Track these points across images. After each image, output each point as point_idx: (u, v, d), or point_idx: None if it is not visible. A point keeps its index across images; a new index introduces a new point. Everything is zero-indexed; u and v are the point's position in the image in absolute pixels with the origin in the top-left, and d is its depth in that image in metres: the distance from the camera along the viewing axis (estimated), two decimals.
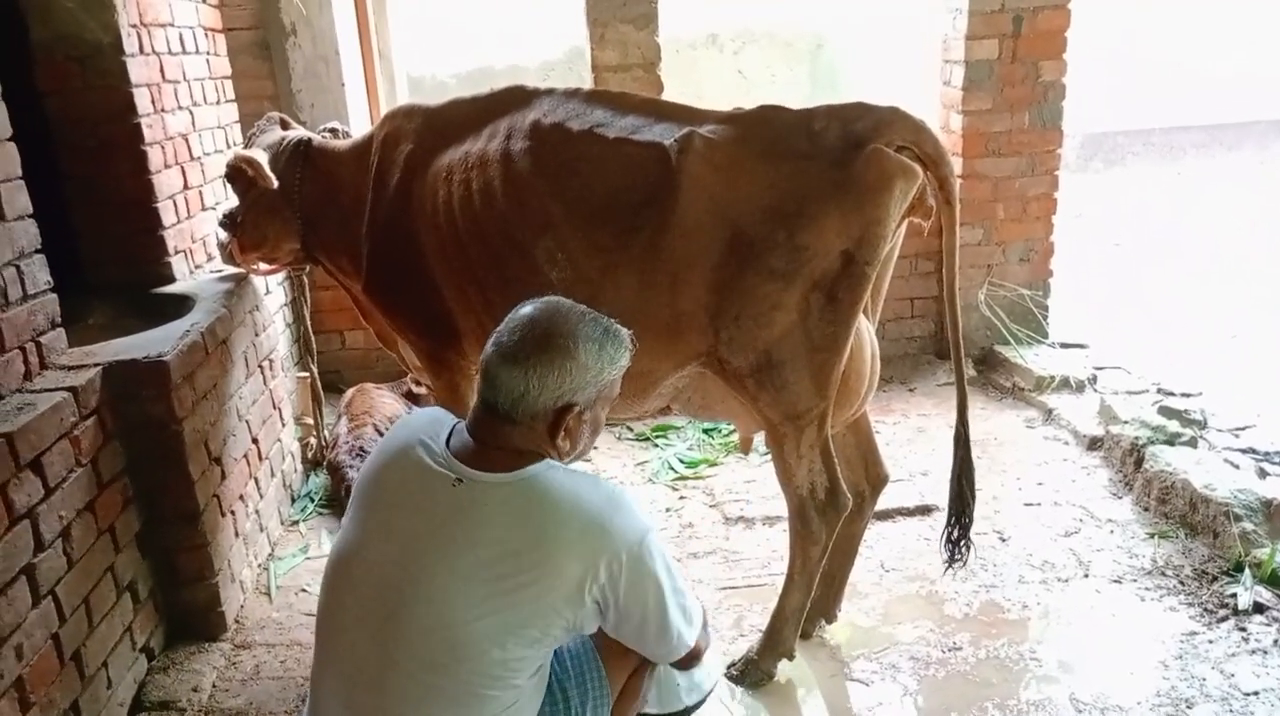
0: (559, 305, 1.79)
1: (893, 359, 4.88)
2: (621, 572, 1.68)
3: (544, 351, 1.70)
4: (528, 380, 1.69)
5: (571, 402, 1.73)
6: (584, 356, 1.72)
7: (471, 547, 1.66)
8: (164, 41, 3.42)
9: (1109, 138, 10.15)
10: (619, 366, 1.80)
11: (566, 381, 1.71)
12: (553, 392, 1.70)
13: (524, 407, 1.70)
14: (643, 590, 1.72)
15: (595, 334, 1.75)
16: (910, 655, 2.78)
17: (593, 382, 1.75)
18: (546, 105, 2.57)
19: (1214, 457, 3.46)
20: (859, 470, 2.77)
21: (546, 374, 1.69)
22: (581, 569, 1.65)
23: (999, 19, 4.36)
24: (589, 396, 1.76)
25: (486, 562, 1.65)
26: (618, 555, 1.67)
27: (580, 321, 1.76)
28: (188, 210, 3.54)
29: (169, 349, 2.68)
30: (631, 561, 1.68)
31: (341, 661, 1.77)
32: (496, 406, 1.72)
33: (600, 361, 1.74)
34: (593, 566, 1.66)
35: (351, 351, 4.73)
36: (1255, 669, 2.61)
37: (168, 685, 2.69)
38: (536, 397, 1.70)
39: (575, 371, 1.71)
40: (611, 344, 1.77)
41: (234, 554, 3.03)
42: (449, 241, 2.66)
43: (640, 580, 1.71)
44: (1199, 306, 5.89)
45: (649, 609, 1.75)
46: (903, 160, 2.21)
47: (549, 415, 1.72)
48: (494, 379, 1.72)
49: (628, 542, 1.68)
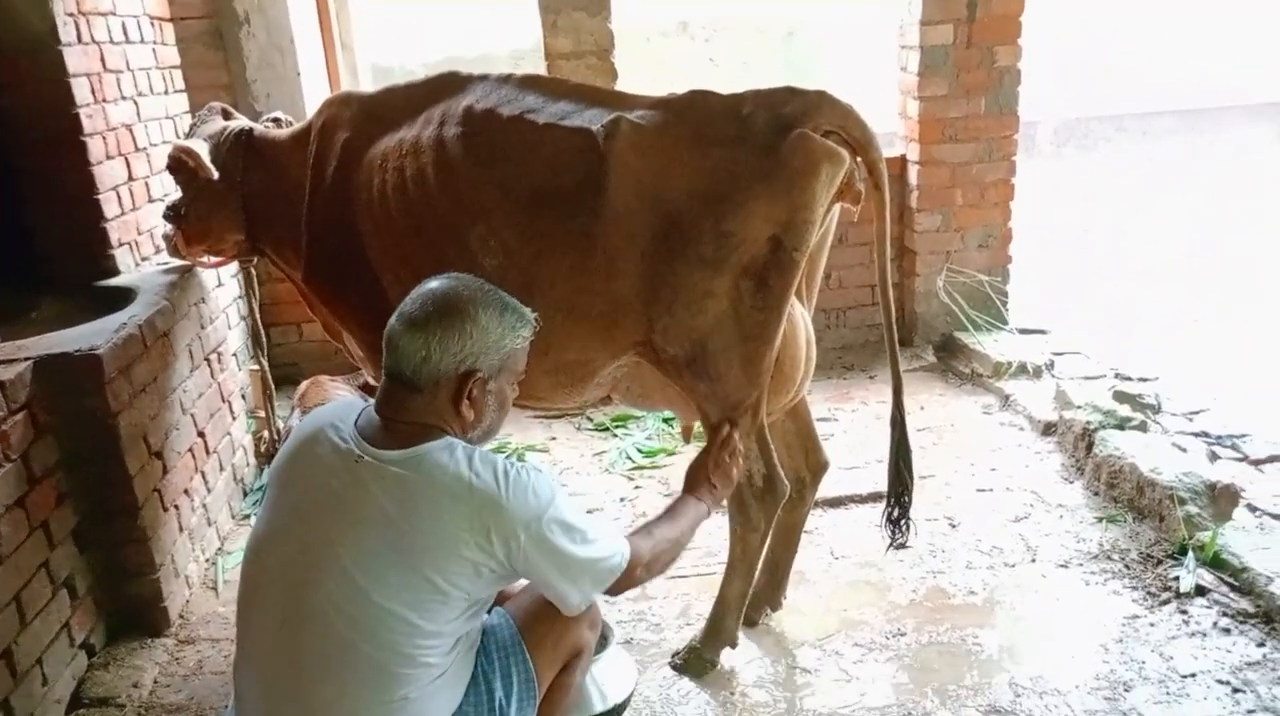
0: (460, 277, 1.85)
1: (854, 347, 4.89)
2: (519, 550, 1.71)
3: (445, 315, 1.75)
4: (428, 344, 1.73)
5: (474, 368, 1.77)
6: (484, 319, 1.76)
7: (369, 524, 1.69)
8: (104, 30, 3.37)
9: (1083, 123, 10.18)
10: (521, 337, 1.83)
11: (467, 344, 1.75)
12: (454, 356, 1.74)
13: (426, 372, 1.74)
14: (544, 564, 1.77)
15: (495, 302, 1.81)
16: (854, 641, 2.78)
17: (494, 349, 1.78)
18: (479, 91, 2.54)
19: (1163, 441, 3.48)
20: (799, 457, 2.76)
21: (447, 337, 1.73)
22: (479, 546, 1.68)
23: (954, 4, 4.34)
24: (491, 364, 1.79)
25: (388, 540, 1.68)
26: (515, 533, 1.70)
27: (480, 289, 1.81)
28: (133, 202, 3.49)
29: (102, 342, 2.65)
30: (531, 539, 1.72)
31: (258, 645, 1.78)
32: (400, 374, 1.76)
33: (501, 327, 1.79)
34: (489, 544, 1.69)
35: (309, 343, 4.69)
36: (1194, 651, 2.63)
37: (108, 681, 2.67)
38: (438, 362, 1.74)
39: (476, 335, 1.75)
40: (512, 313, 1.82)
41: (178, 548, 3.01)
42: (385, 229, 2.64)
43: (541, 555, 1.75)
44: (1164, 292, 5.92)
45: (551, 578, 1.80)
46: (828, 144, 2.19)
47: (452, 381, 1.76)
48: (396, 346, 1.76)
49: (525, 520, 1.71)
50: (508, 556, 1.71)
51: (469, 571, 1.70)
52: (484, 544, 1.69)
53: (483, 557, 1.70)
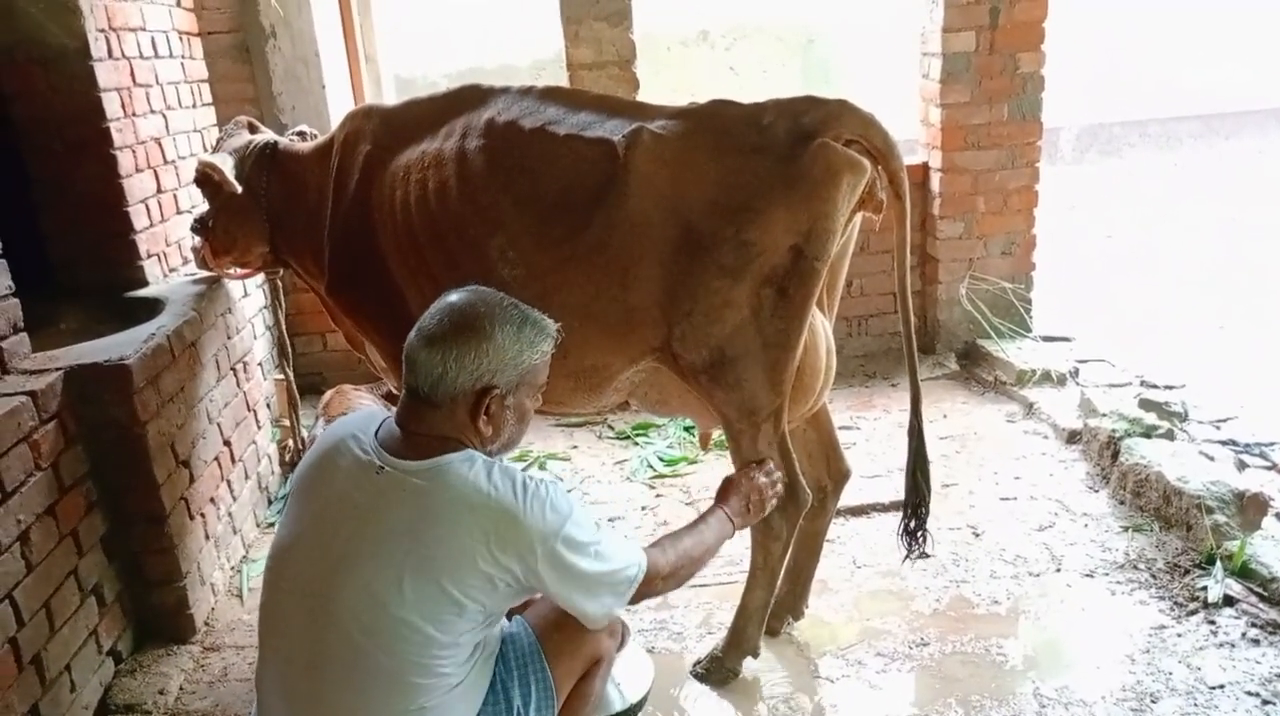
0: (479, 291, 1.84)
1: (876, 354, 4.87)
2: (537, 564, 1.71)
3: (461, 332, 1.75)
4: (445, 361, 1.73)
5: (491, 385, 1.76)
6: (501, 337, 1.76)
7: (390, 534, 1.69)
8: (134, 46, 3.43)
9: (1105, 128, 10.10)
10: (540, 351, 1.82)
11: (484, 362, 1.74)
12: (471, 373, 1.74)
13: (443, 389, 1.74)
14: (561, 579, 1.76)
15: (514, 317, 1.79)
16: (877, 651, 2.77)
17: (512, 365, 1.78)
18: (501, 104, 2.56)
19: (1190, 450, 3.44)
20: (820, 465, 2.76)
21: (464, 354, 1.73)
22: (496, 560, 1.68)
23: (976, 10, 4.33)
24: (509, 379, 1.79)
25: (406, 550, 1.68)
26: (532, 547, 1.70)
27: (499, 305, 1.80)
28: (161, 214, 3.55)
29: (131, 352, 2.69)
30: (547, 554, 1.71)
31: (279, 653, 1.80)
32: (418, 390, 1.76)
33: (519, 343, 1.78)
34: (505, 557, 1.69)
35: (333, 353, 4.73)
36: (1222, 662, 2.59)
37: (134, 688, 2.70)
38: (454, 378, 1.73)
39: (492, 352, 1.75)
40: (531, 328, 1.81)
41: (204, 556, 3.04)
42: (406, 241, 2.66)
43: (557, 571, 1.74)
44: (1189, 298, 5.85)
45: (569, 593, 1.79)
46: (850, 153, 2.20)
47: (469, 397, 1.75)
48: (415, 362, 1.77)
49: (542, 535, 1.71)
50: (524, 570, 1.71)
51: (485, 584, 1.70)
52: (500, 557, 1.69)
53: (498, 571, 1.70)
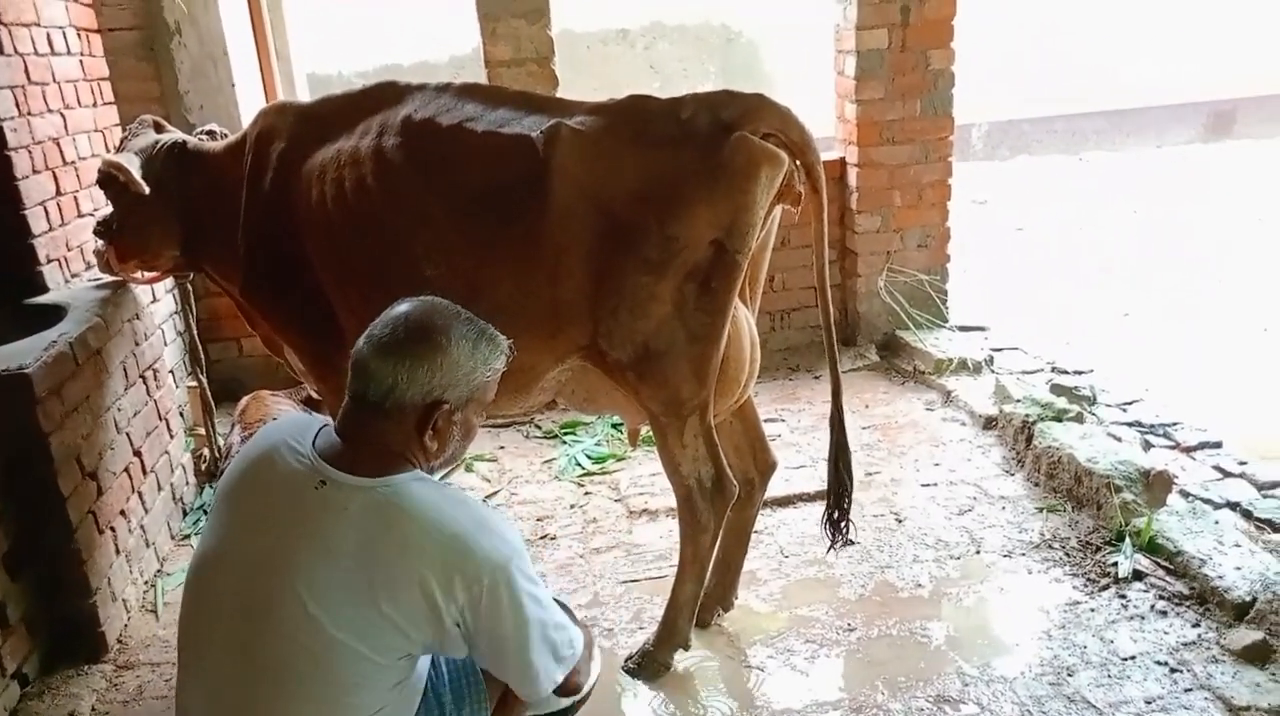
0: (435, 303, 1.78)
1: (799, 348, 4.94)
2: (483, 596, 1.62)
3: (417, 343, 1.69)
4: (396, 372, 1.67)
5: (442, 399, 1.71)
6: (456, 353, 1.71)
7: (332, 554, 1.61)
8: (29, 42, 3.28)
9: (1014, 125, 10.44)
10: (493, 368, 1.78)
11: (437, 376, 1.69)
12: (422, 386, 1.69)
13: (393, 399, 1.68)
14: (504, 617, 1.65)
15: (470, 333, 1.74)
16: (806, 638, 2.81)
17: (464, 381, 1.73)
18: (418, 101, 2.53)
19: (1099, 432, 3.57)
20: (747, 457, 2.78)
21: (417, 367, 1.68)
22: (440, 587, 1.60)
23: (888, 8, 4.43)
24: (460, 395, 1.74)
25: (347, 570, 1.61)
26: (479, 577, 1.61)
27: (456, 319, 1.75)
28: (61, 217, 3.40)
29: (32, 361, 2.57)
30: (493, 586, 1.62)
31: (204, 669, 1.72)
32: (366, 397, 1.70)
33: (473, 360, 1.73)
34: (451, 586, 1.60)
35: (250, 358, 4.60)
36: (1133, 634, 2.70)
37: (42, 711, 2.59)
38: (406, 389, 1.68)
39: (447, 367, 1.70)
40: (486, 345, 1.76)
41: (115, 571, 2.93)
42: (325, 240, 2.60)
43: (501, 606, 1.64)
44: (1096, 287, 6.08)
45: (509, 639, 1.67)
46: (767, 146, 2.22)
47: (418, 410, 1.70)
48: (364, 370, 1.70)
49: (491, 565, 1.62)
50: (468, 602, 1.62)
51: (425, 612, 1.61)
52: (445, 584, 1.60)
53: (442, 601, 1.61)
